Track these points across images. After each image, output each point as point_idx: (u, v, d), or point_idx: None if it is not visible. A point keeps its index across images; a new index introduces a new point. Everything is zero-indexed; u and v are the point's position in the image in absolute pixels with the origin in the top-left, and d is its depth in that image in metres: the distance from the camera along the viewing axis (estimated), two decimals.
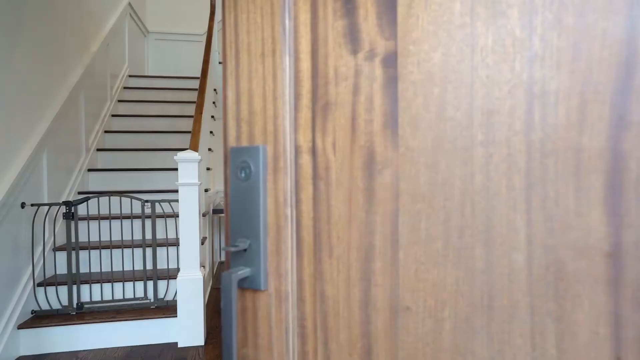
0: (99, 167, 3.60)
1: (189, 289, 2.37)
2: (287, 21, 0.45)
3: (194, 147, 2.55)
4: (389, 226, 0.39)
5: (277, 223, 0.46)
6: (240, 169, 0.47)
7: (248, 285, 0.46)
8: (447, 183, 0.36)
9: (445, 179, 0.36)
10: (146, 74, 5.32)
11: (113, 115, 4.03)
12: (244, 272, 0.46)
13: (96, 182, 3.47)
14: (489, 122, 0.34)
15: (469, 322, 0.35)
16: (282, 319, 0.45)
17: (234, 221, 0.48)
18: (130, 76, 4.70)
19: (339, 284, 0.42)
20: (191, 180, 2.39)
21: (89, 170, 3.43)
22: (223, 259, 4.71)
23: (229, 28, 0.49)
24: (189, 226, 2.40)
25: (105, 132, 3.82)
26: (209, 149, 3.86)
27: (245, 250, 0.47)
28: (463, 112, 0.35)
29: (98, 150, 3.63)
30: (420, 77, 0.37)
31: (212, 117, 4.39)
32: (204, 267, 2.77)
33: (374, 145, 0.40)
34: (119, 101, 4.24)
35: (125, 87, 4.45)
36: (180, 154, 2.38)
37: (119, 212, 2.53)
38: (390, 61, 0.39)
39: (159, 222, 3.02)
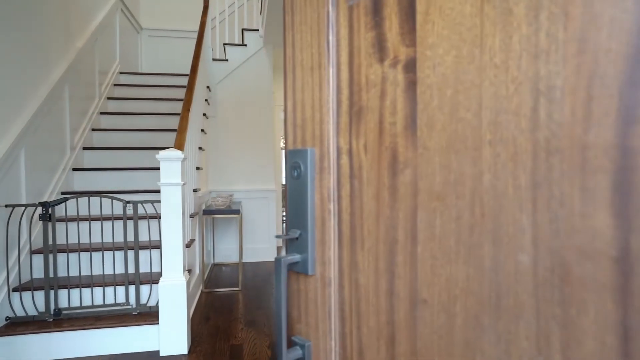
0: (85, 167, 3.44)
1: (172, 295, 2.24)
2: (330, 37, 0.50)
3: (179, 145, 2.43)
4: (409, 222, 0.41)
5: (322, 216, 0.51)
6: (293, 168, 0.54)
7: (299, 270, 0.54)
8: (459, 182, 0.37)
9: (457, 178, 0.37)
10: (139, 71, 5.10)
11: (102, 113, 3.89)
12: (293, 257, 0.53)
13: (81, 181, 3.31)
14: (496, 121, 0.34)
15: (478, 319, 0.36)
16: (326, 302, 0.51)
17: (289, 214, 0.55)
18: (121, 73, 4.53)
19: (369, 274, 0.46)
20: (174, 180, 2.27)
21: (74, 169, 3.26)
22: (217, 260, 4.66)
23: (288, 47, 0.57)
24: (172, 228, 2.27)
25: (93, 130, 3.68)
26: (200, 148, 3.70)
27: (297, 239, 0.54)
28: (473, 112, 0.36)
29: (84, 148, 3.48)
30: (436, 80, 0.39)
31: (204, 114, 4.19)
32: (189, 271, 2.65)
33: (396, 146, 0.42)
34: (109, 98, 4.09)
35: (115, 84, 4.30)
36: (162, 153, 2.25)
37: (101, 213, 2.44)
38: (410, 67, 0.41)
39: (142, 224, 2.84)
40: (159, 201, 2.30)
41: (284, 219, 8.39)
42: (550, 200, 0.31)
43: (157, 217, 2.45)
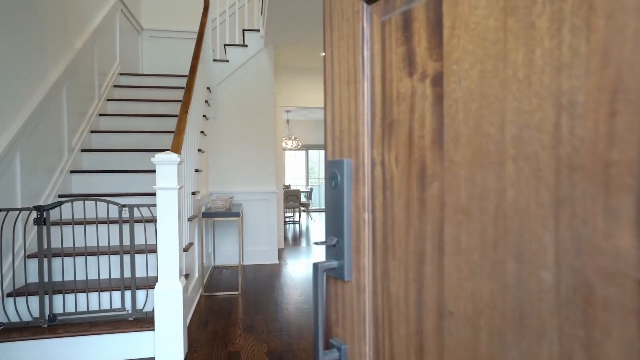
0: (83, 169, 3.37)
1: (167, 301, 2.19)
2: (365, 51, 0.52)
3: (176, 148, 2.37)
4: (436, 234, 0.42)
5: (357, 225, 0.53)
6: (331, 178, 0.57)
7: (336, 275, 0.56)
8: (483, 197, 0.37)
9: (481, 192, 0.37)
10: (140, 72, 5.05)
11: (101, 115, 3.82)
12: (331, 263, 0.55)
13: (79, 184, 3.24)
14: (519, 136, 0.34)
15: (502, 335, 0.35)
16: (361, 308, 0.53)
17: (327, 221, 0.58)
18: (121, 74, 4.45)
19: (400, 283, 0.47)
20: (170, 183, 2.21)
21: (72, 172, 3.19)
22: (218, 263, 4.57)
23: (327, 62, 0.59)
24: (168, 233, 2.21)
25: (92, 132, 3.61)
26: (199, 150, 3.62)
27: (334, 245, 0.56)
28: (497, 127, 0.35)
29: (83, 150, 3.41)
30: (461, 95, 0.39)
31: (204, 116, 4.11)
32: (187, 275, 2.61)
33: (425, 159, 0.43)
34: (108, 100, 4.04)
35: (115, 86, 4.24)
36: (157, 156, 2.20)
37: (97, 217, 2.37)
38: (438, 81, 0.41)
39: (139, 227, 2.75)
40: (155, 205, 2.24)
41: (286, 220, 8.39)
42: (573, 218, 0.30)
43: (153, 220, 2.37)
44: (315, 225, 8.21)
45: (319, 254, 5.26)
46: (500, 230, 0.35)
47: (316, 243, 0.55)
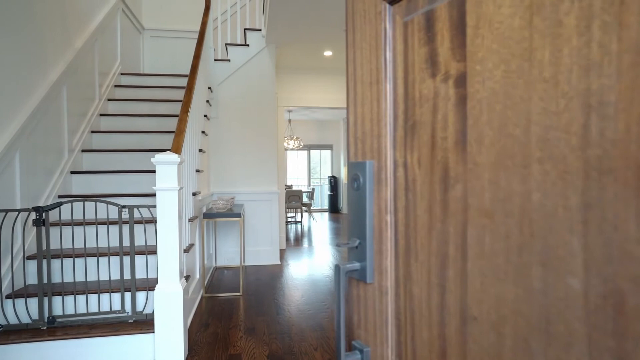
0: (84, 169, 3.33)
1: (168, 303, 2.16)
2: (387, 53, 0.52)
3: (176, 148, 2.34)
4: (459, 238, 0.41)
5: (379, 227, 0.53)
6: (353, 180, 0.57)
7: (359, 277, 0.56)
8: (508, 200, 0.36)
9: (505, 195, 0.36)
10: (142, 72, 4.99)
11: (102, 115, 3.78)
12: (353, 265, 0.55)
13: (80, 185, 3.20)
14: (546, 138, 0.33)
15: (528, 342, 0.34)
16: (383, 310, 0.53)
17: (350, 223, 0.58)
18: (122, 74, 4.40)
19: (422, 286, 0.46)
20: (170, 184, 2.17)
21: (72, 172, 3.15)
22: (219, 263, 4.50)
23: (350, 63, 0.59)
24: (167, 235, 2.17)
25: (92, 132, 3.57)
26: (200, 150, 3.57)
27: (356, 247, 0.56)
28: (522, 129, 0.35)
29: (83, 151, 3.38)
30: (485, 95, 0.38)
31: (206, 116, 4.06)
32: (188, 276, 2.57)
33: (448, 161, 0.42)
34: (109, 100, 3.99)
35: (116, 85, 4.19)
36: (157, 156, 2.16)
37: (97, 217, 2.36)
38: (461, 81, 0.41)
39: (139, 228, 2.71)
40: (155, 206, 2.21)
41: (288, 220, 8.31)
42: (603, 223, 0.29)
43: (153, 221, 2.32)
44: (317, 226, 8.13)
45: (320, 255, 5.19)
46: (525, 235, 0.34)
47: (338, 245, 0.55)
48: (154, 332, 2.17)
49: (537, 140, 0.33)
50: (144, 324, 2.25)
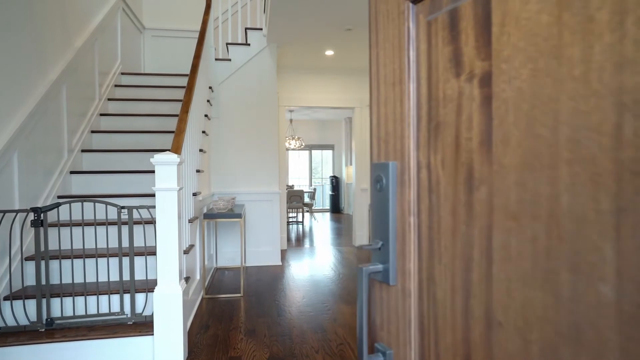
0: (83, 169, 3.30)
1: (167, 306, 2.12)
2: (410, 52, 0.51)
3: (176, 148, 2.30)
4: (484, 240, 0.40)
5: (402, 229, 0.53)
6: (376, 181, 0.56)
7: (381, 279, 0.55)
8: (535, 202, 0.35)
9: (532, 198, 0.35)
10: (142, 72, 4.94)
11: (102, 115, 3.74)
12: (376, 267, 0.55)
13: (79, 185, 3.16)
14: (575, 138, 0.31)
15: (556, 351, 0.33)
16: (406, 313, 0.52)
17: (373, 224, 0.57)
18: (122, 73, 4.36)
19: (446, 289, 0.45)
20: (169, 184, 2.13)
21: (72, 172, 3.12)
22: (220, 264, 4.42)
23: (373, 64, 0.59)
24: (167, 235, 2.13)
25: (92, 132, 3.54)
26: (201, 150, 3.52)
27: (379, 249, 0.56)
28: (550, 129, 0.33)
29: (83, 151, 3.34)
30: (511, 95, 0.37)
31: (206, 116, 4.01)
32: (188, 278, 2.53)
33: (472, 162, 0.41)
34: (109, 99, 3.95)
35: (116, 85, 4.15)
36: (157, 156, 2.12)
37: (95, 218, 2.31)
38: (486, 81, 0.40)
39: (138, 229, 2.66)
40: (155, 206, 2.17)
41: (289, 220, 8.21)
42: (637, 227, 0.27)
43: (153, 222, 2.26)
44: (319, 226, 8.04)
45: (322, 255, 5.12)
46: (553, 239, 0.33)
47: (361, 247, 0.55)
48: (153, 335, 2.14)
49: (566, 140, 0.32)
50: (143, 326, 2.22)
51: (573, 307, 0.32)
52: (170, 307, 2.13)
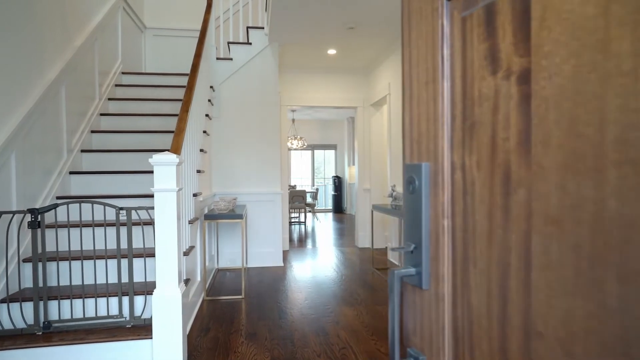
0: (83, 170, 3.26)
1: (166, 309, 2.07)
2: (444, 50, 0.50)
3: (175, 148, 2.25)
4: (522, 246, 0.38)
5: (436, 232, 0.51)
6: (409, 183, 0.55)
7: (414, 283, 0.54)
8: (578, 206, 0.33)
9: (576, 201, 0.33)
10: (143, 71, 4.88)
11: (102, 114, 3.71)
12: (408, 270, 0.54)
13: (78, 186, 3.13)
14: (623, 138, 0.29)
15: None
16: (440, 319, 0.51)
17: (405, 227, 0.56)
18: (123, 73, 4.33)
19: (481, 296, 0.44)
20: (168, 185, 2.09)
21: (71, 173, 3.08)
22: (222, 265, 4.32)
23: (405, 63, 0.58)
24: (166, 237, 2.09)
25: (92, 131, 3.50)
26: (201, 150, 3.46)
27: (411, 252, 0.55)
28: (595, 128, 0.31)
29: (82, 151, 3.30)
30: (552, 92, 0.35)
31: (207, 115, 3.96)
32: (188, 280, 2.47)
33: (509, 164, 0.40)
34: (110, 99, 3.91)
35: (117, 85, 4.12)
36: (155, 157, 2.08)
37: (94, 219, 2.26)
38: (524, 78, 0.38)
39: (137, 230, 2.60)
40: (153, 207, 2.14)
41: (291, 221, 8.06)
42: None
43: (152, 223, 2.22)
44: (321, 226, 7.96)
45: (324, 256, 5.07)
46: (598, 246, 0.31)
47: (393, 249, 0.54)
48: (151, 338, 2.10)
49: (613, 141, 0.30)
50: (142, 329, 2.18)
51: (621, 319, 0.29)
52: (169, 311, 2.09)
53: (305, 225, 8.21)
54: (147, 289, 2.29)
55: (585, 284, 0.32)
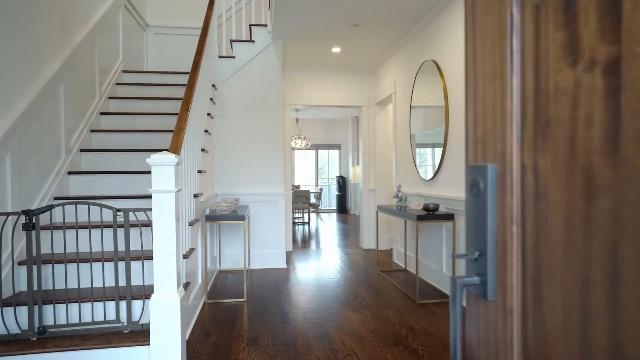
0: (82, 170, 3.16)
1: (164, 314, 1.99)
2: (514, 42, 0.46)
3: (175, 148, 2.17)
4: (607, 258, 0.34)
5: (503, 239, 0.47)
6: (472, 185, 0.52)
7: (478, 293, 0.51)
8: None
9: None
10: (145, 70, 4.78)
11: (102, 113, 3.60)
12: (471, 279, 0.50)
13: (77, 186, 3.03)
14: None
15: None
16: (507, 333, 0.47)
17: (468, 232, 0.53)
18: (124, 71, 4.22)
19: (556, 311, 0.39)
20: (167, 186, 2.01)
21: (70, 173, 2.98)
22: (224, 267, 4.11)
23: (469, 58, 0.54)
24: (164, 240, 2.00)
25: (92, 131, 3.40)
26: (203, 150, 3.33)
27: (475, 260, 0.51)
28: None
29: (82, 151, 3.20)
30: None
31: (209, 114, 3.82)
32: (188, 283, 2.37)
33: (592, 165, 0.35)
34: (110, 98, 3.80)
35: (118, 83, 4.02)
36: (153, 156, 2.00)
37: (90, 221, 2.16)
38: (613, 69, 0.33)
39: (135, 232, 2.49)
40: (151, 209, 2.05)
41: (295, 221, 7.69)
42: None
43: (150, 224, 2.14)
44: (325, 227, 7.74)
45: (328, 258, 4.88)
46: None
47: (456, 256, 0.51)
48: (149, 344, 2.03)
49: None
50: (140, 334, 2.09)
51: None
52: (167, 316, 2.00)
53: (309, 225, 8.15)
54: (146, 292, 2.20)
55: None
